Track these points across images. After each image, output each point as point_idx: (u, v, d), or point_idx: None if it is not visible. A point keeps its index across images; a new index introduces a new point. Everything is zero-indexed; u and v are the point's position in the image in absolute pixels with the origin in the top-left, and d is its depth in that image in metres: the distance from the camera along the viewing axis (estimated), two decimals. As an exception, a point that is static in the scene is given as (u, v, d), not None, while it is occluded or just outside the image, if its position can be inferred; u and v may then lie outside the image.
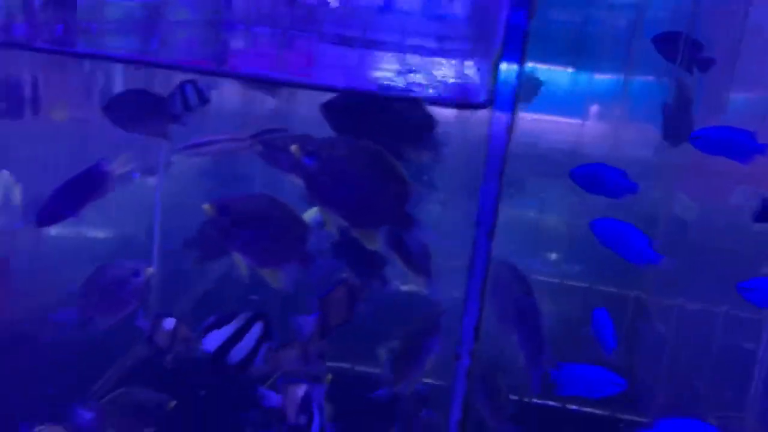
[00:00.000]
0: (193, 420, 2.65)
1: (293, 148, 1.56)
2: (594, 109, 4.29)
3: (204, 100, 2.32)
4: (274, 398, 2.08)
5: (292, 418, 2.02)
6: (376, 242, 1.65)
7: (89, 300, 2.29)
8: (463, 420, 1.65)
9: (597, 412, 3.15)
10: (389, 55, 1.81)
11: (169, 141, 2.41)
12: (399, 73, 1.79)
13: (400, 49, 1.80)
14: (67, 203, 2.11)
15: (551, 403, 3.11)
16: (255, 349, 1.91)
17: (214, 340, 1.89)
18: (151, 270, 2.28)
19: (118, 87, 2.94)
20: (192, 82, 2.30)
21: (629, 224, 2.28)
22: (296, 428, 2.02)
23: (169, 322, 2.51)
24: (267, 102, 3.07)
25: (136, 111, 2.32)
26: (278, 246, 1.74)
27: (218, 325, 1.89)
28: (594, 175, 2.49)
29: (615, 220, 2.31)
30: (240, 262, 1.73)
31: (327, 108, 1.86)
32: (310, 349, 2.23)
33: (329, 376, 2.25)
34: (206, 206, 1.68)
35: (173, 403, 2.35)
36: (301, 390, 2.01)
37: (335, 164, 1.57)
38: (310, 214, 3.94)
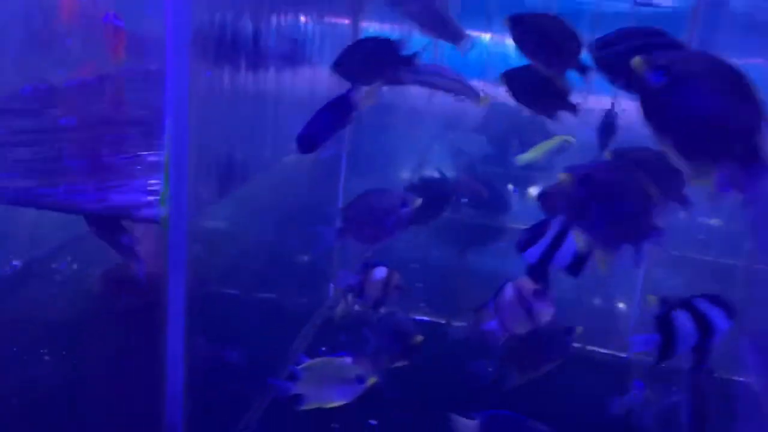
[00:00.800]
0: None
1: (636, 61, 1.33)
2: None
3: None
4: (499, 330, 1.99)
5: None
6: (710, 181, 1.41)
7: (352, 223, 2.16)
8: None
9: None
10: None
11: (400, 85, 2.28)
12: None
13: None
14: (319, 130, 2.02)
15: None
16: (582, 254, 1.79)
17: (534, 252, 1.85)
18: (418, 201, 2.11)
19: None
20: None
21: None
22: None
23: (380, 271, 2.38)
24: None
25: (365, 61, 2.23)
26: (626, 226, 1.56)
27: (534, 238, 1.84)
28: None
29: None
30: (580, 238, 1.58)
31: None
32: None
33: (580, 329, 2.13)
34: (563, 175, 1.51)
35: (420, 338, 2.19)
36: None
37: (688, 82, 1.34)
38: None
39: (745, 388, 2.77)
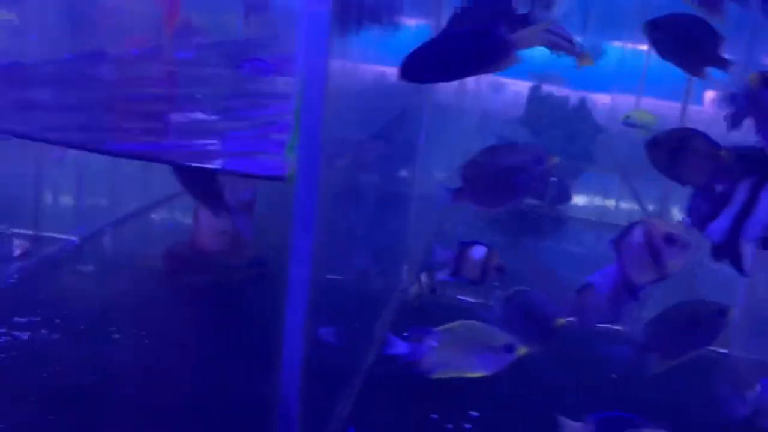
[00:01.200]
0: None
1: None
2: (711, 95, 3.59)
3: None
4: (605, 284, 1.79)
5: None
6: None
7: (472, 182, 1.85)
8: None
9: None
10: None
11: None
12: None
13: None
14: (437, 60, 1.65)
15: None
16: None
17: (718, 227, 1.54)
18: (557, 159, 1.81)
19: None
20: None
21: None
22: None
23: (479, 250, 2.19)
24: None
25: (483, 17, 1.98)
26: None
27: (715, 210, 1.53)
28: None
29: None
30: None
31: None
32: None
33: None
34: (753, 75, 1.23)
35: (563, 320, 1.95)
36: None
37: None
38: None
39: None
